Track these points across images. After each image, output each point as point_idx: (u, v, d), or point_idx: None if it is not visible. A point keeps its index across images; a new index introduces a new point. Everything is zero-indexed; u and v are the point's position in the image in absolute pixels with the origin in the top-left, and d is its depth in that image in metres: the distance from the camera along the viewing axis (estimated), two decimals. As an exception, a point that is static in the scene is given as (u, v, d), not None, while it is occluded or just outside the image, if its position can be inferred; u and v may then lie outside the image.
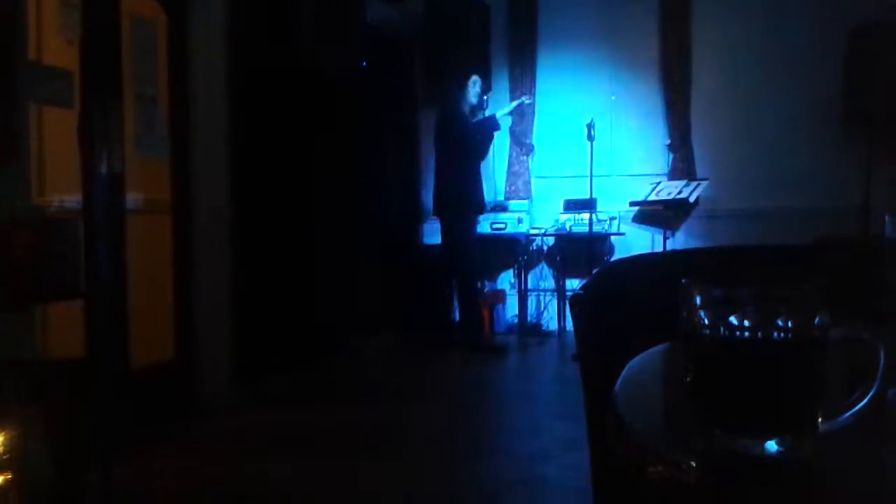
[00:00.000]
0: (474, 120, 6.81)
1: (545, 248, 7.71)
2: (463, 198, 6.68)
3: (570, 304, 1.38)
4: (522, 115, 7.69)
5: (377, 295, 6.90)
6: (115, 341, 4.16)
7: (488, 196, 7.30)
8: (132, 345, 4.28)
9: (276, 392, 5.08)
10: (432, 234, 7.77)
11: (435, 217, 7.01)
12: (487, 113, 6.99)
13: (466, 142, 6.69)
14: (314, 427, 4.53)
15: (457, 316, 7.11)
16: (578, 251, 7.18)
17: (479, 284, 7.13)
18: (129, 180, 4.28)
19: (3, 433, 2.69)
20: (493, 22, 7.84)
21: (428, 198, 7.71)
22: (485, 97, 6.96)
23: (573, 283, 7.46)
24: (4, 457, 2.69)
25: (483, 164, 6.97)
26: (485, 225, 7.23)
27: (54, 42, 4.02)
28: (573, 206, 7.33)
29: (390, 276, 7.20)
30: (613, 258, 7.18)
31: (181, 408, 4.57)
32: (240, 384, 4.86)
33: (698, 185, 7.03)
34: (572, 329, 1.41)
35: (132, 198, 4.34)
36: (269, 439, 4.30)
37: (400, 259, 7.41)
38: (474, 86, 6.81)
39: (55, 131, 4.14)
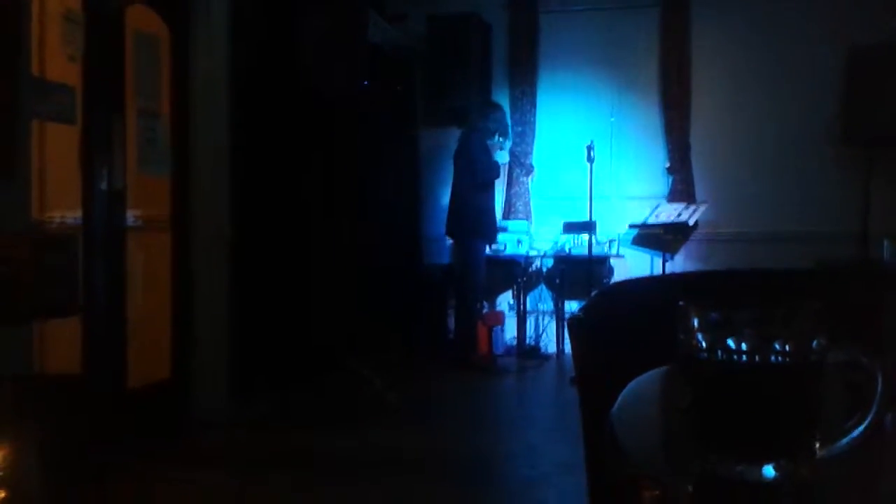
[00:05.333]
0: (492, 146, 6.93)
1: (544, 269, 7.70)
2: (478, 222, 6.76)
3: (568, 326, 1.38)
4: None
5: (375, 313, 6.89)
6: (112, 357, 4.15)
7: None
8: (130, 361, 4.26)
9: (273, 409, 5.06)
10: (434, 253, 7.79)
11: (447, 236, 7.09)
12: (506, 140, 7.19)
13: (483, 167, 6.77)
14: (311, 445, 4.51)
15: (452, 335, 7.15)
16: (578, 273, 7.16)
17: (479, 306, 7.13)
18: (130, 196, 4.28)
19: (-2, 449, 2.68)
20: (494, 42, 7.87)
21: (430, 217, 7.74)
22: (506, 122, 7.13)
23: (572, 306, 7.45)
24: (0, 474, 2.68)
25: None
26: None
27: (57, 58, 4.04)
28: (573, 227, 7.33)
29: (389, 295, 7.20)
30: (613, 280, 7.17)
31: (178, 424, 4.55)
32: (237, 401, 4.85)
33: (697, 208, 7.04)
34: (571, 351, 1.40)
35: (132, 214, 4.34)
36: (266, 456, 4.27)
37: (399, 277, 7.41)
38: (496, 111, 6.97)
39: (57, 147, 4.15)
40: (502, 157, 7.29)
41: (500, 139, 7.08)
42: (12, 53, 3.43)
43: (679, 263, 7.34)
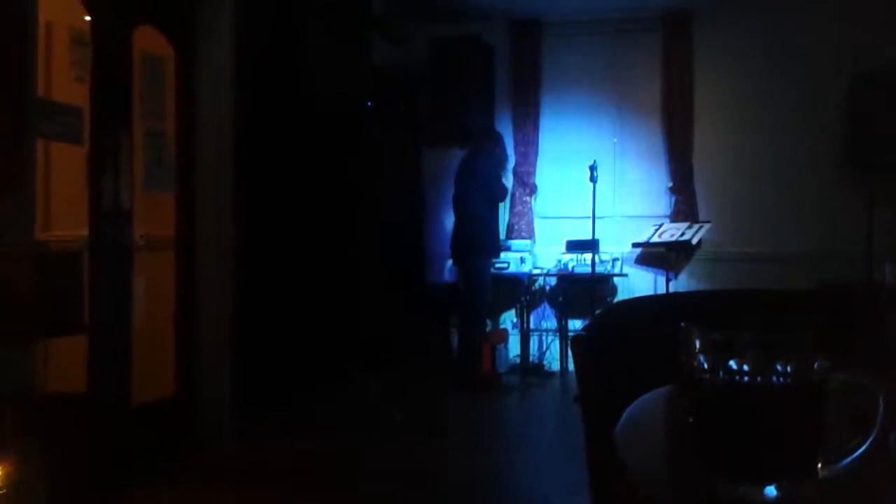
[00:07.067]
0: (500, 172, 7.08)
1: (547, 288, 7.70)
2: (484, 241, 6.80)
3: (571, 345, 1.39)
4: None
5: (380, 329, 6.88)
6: (117, 375, 4.15)
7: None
8: (135, 378, 4.26)
9: (278, 424, 5.05)
10: (437, 272, 7.79)
11: (451, 258, 7.12)
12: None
13: (491, 188, 6.82)
14: (315, 461, 4.49)
15: (456, 352, 7.15)
16: (581, 292, 7.16)
17: (483, 324, 7.12)
18: (136, 215, 4.30)
19: (2, 468, 2.68)
20: (498, 63, 7.91)
21: (433, 236, 7.74)
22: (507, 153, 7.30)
23: (575, 324, 7.44)
24: (2, 492, 2.68)
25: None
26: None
27: (64, 79, 4.07)
28: (576, 246, 7.34)
29: (393, 311, 7.19)
30: (616, 299, 7.17)
31: (183, 440, 4.54)
32: (242, 417, 4.84)
33: (701, 227, 7.04)
34: (574, 370, 1.41)
35: (138, 232, 4.35)
36: (270, 472, 4.26)
37: (403, 294, 7.40)
38: (501, 140, 7.11)
39: (62, 167, 4.17)
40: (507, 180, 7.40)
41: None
42: (19, 74, 3.45)
43: (682, 282, 7.33)
